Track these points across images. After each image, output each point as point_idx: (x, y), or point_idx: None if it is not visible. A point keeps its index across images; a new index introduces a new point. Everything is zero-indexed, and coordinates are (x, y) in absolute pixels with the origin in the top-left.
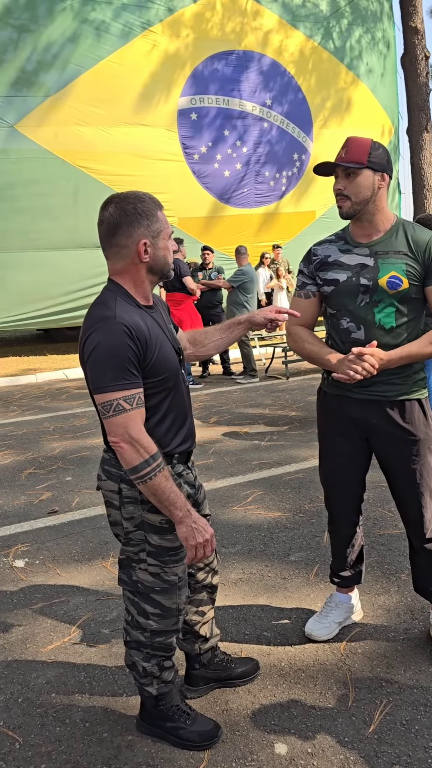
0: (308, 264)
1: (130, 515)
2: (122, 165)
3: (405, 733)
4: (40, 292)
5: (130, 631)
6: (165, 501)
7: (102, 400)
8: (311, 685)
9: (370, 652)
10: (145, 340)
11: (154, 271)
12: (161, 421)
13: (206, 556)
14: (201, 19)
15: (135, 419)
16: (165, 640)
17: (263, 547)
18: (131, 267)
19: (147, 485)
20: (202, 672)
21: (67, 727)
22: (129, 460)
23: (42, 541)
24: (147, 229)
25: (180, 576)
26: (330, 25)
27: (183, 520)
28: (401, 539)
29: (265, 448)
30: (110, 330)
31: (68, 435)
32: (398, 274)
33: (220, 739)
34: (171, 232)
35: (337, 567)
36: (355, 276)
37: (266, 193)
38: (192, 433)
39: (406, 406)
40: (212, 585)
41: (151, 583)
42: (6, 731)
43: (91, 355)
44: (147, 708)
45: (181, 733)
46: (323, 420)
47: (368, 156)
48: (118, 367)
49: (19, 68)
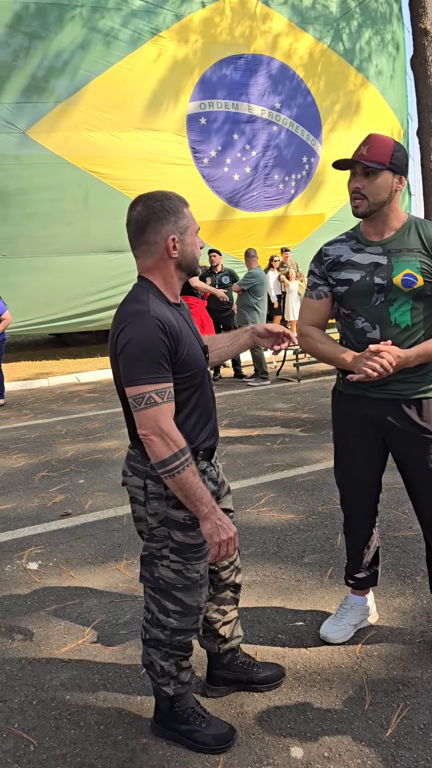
0: (320, 264)
1: (154, 511)
2: (133, 170)
3: (423, 737)
4: (52, 297)
5: (150, 629)
6: (191, 496)
7: (133, 393)
8: (327, 688)
9: (386, 655)
10: (177, 336)
11: (183, 266)
12: (188, 416)
13: (229, 554)
14: (210, 24)
15: (165, 413)
16: (184, 639)
17: (276, 549)
18: (160, 263)
19: (174, 479)
20: (222, 673)
21: (82, 729)
22: (158, 453)
23: (55, 544)
24: (174, 225)
25: (202, 573)
26: (340, 27)
27: (208, 517)
28: (416, 541)
29: (277, 450)
30: (143, 324)
31: (81, 438)
32: (413, 271)
33: (235, 743)
34: (198, 229)
35: (353, 569)
36: (369, 275)
37: (275, 196)
38: (216, 430)
39: (423, 404)
40: (236, 584)
41: (173, 579)
42: (21, 733)
43: (124, 349)
44: (162, 710)
45: (196, 736)
46: (339, 421)
47: (391, 157)
48: (151, 361)
49: (29, 75)
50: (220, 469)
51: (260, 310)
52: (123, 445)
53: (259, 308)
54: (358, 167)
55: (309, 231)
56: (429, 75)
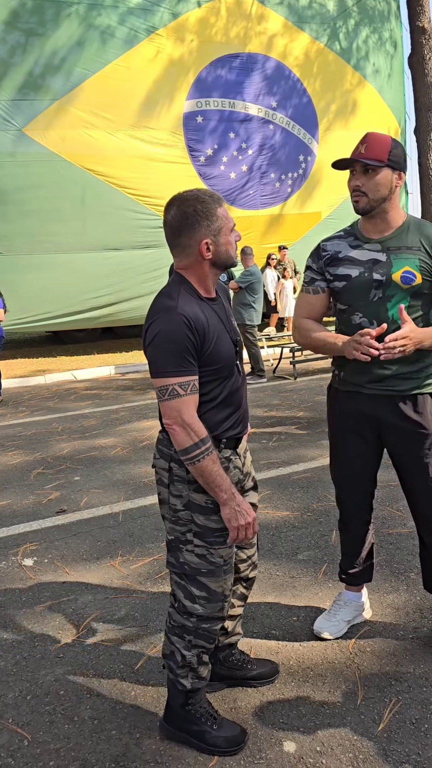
0: (317, 259)
1: (178, 493)
2: (129, 168)
3: (414, 732)
4: (49, 294)
5: (175, 616)
6: (211, 483)
7: (159, 384)
8: (320, 683)
9: (379, 651)
10: (204, 332)
11: (218, 264)
12: (214, 407)
13: (248, 537)
14: (205, 24)
15: (188, 404)
16: (210, 627)
17: (271, 545)
18: (195, 263)
19: (195, 467)
20: (216, 668)
21: (76, 724)
22: (180, 441)
23: (50, 540)
24: (207, 230)
25: (225, 560)
26: (337, 25)
27: (227, 502)
28: (410, 538)
29: (273, 447)
30: (171, 320)
31: (76, 435)
32: (411, 269)
33: (246, 745)
34: (233, 225)
35: (347, 565)
36: (367, 271)
37: (272, 194)
38: (244, 420)
39: (418, 399)
40: (249, 578)
41: (197, 564)
42: (15, 728)
43: (152, 342)
44: (173, 708)
45: (207, 737)
46: (334, 417)
47: (388, 154)
48: (176, 355)
49: (26, 72)
50: (247, 461)
51: (257, 308)
52: (119, 442)
53: (255, 306)
54: (357, 165)
55: (305, 229)
56: (427, 73)
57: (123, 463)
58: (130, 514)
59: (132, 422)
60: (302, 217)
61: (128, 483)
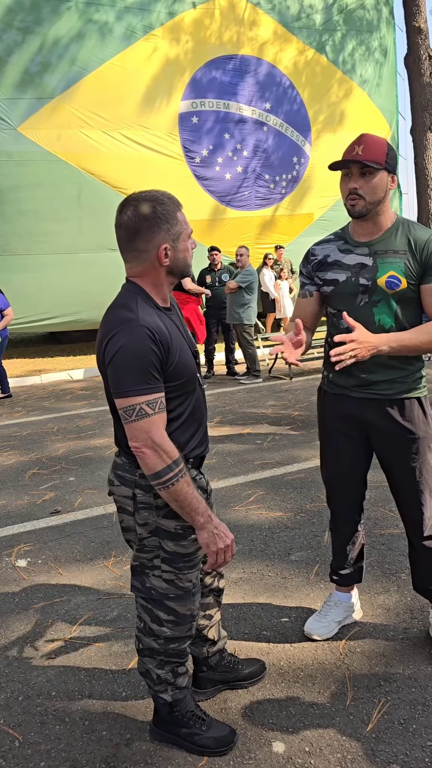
0: (306, 264)
1: (144, 521)
2: (125, 168)
3: (403, 732)
4: (45, 294)
5: (143, 639)
6: (187, 507)
7: (124, 405)
8: (310, 684)
9: (369, 652)
10: (167, 344)
11: (174, 272)
12: (180, 425)
13: (226, 561)
14: (200, 26)
15: (157, 424)
16: (179, 646)
17: (264, 546)
18: (151, 270)
19: (169, 491)
20: (210, 674)
21: (67, 725)
22: (151, 465)
23: (44, 541)
24: (167, 233)
25: (194, 582)
26: (330, 29)
27: (204, 526)
28: (401, 539)
29: (267, 448)
30: (133, 333)
31: (72, 436)
32: (396, 273)
33: (236, 745)
34: (191, 232)
35: (338, 565)
36: (354, 276)
37: (266, 195)
38: (206, 437)
39: (405, 404)
40: (219, 588)
41: (165, 590)
42: (6, 729)
43: (113, 359)
44: (161, 714)
45: (197, 739)
46: (324, 419)
47: (386, 156)
48: (141, 371)
49: (22, 71)
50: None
51: (254, 307)
52: (113, 443)
53: (252, 305)
54: (354, 168)
55: (298, 231)
56: (422, 73)
57: None
58: None
59: None
60: (295, 218)
61: None
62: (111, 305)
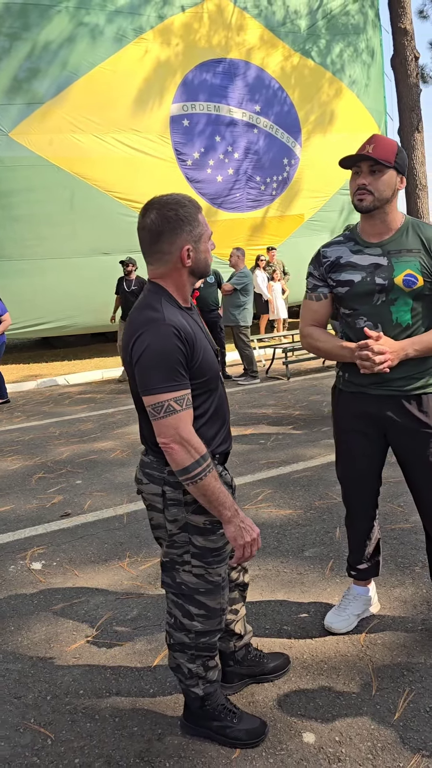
0: (318, 266)
1: (174, 517)
2: (117, 171)
3: (429, 720)
4: (39, 299)
5: (174, 634)
6: (214, 501)
7: (152, 402)
8: (334, 675)
9: (390, 643)
10: (193, 342)
11: (196, 273)
12: (205, 421)
13: (253, 555)
14: (190, 29)
15: (185, 420)
16: (209, 640)
17: (277, 543)
18: (173, 271)
19: (197, 486)
20: (237, 668)
21: (97, 722)
22: (180, 461)
23: (57, 544)
24: (189, 235)
25: (223, 576)
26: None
27: (231, 520)
28: (413, 533)
29: (271, 447)
30: (159, 332)
31: (74, 439)
32: (413, 271)
33: (267, 737)
34: (210, 233)
35: (355, 560)
36: (369, 276)
37: (257, 197)
38: (230, 434)
39: (423, 399)
40: (244, 583)
41: (195, 584)
42: (37, 728)
43: (140, 358)
44: (192, 709)
45: (229, 732)
46: (340, 418)
47: (395, 156)
48: (168, 369)
49: (12, 76)
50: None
51: (250, 309)
52: (118, 446)
53: (248, 307)
54: (364, 165)
55: (289, 232)
56: (409, 74)
57: (123, 465)
58: (134, 516)
59: (129, 425)
60: (286, 219)
61: (130, 485)
62: (135, 306)
